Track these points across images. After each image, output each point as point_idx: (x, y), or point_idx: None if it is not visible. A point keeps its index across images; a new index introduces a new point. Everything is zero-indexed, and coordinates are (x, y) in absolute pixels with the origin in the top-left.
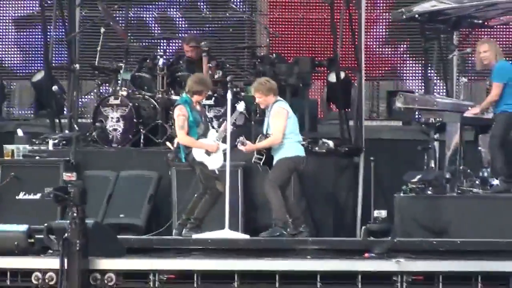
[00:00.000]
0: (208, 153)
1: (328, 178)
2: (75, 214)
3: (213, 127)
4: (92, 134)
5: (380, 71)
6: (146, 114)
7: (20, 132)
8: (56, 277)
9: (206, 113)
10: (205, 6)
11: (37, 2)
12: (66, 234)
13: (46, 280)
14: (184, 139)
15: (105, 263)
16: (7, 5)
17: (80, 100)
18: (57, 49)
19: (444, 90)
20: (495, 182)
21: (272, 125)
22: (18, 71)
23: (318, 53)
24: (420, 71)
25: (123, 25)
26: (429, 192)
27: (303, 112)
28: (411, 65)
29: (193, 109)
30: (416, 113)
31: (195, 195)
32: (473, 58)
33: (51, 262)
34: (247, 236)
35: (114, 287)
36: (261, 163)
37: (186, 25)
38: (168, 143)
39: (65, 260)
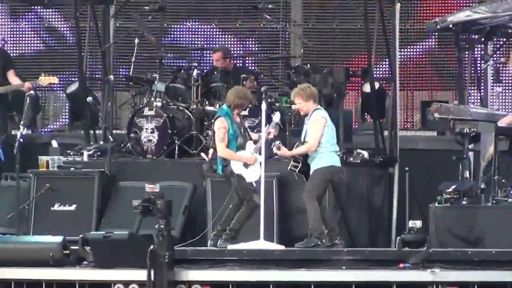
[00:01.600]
0: (246, 165)
1: (363, 188)
2: (162, 226)
3: (250, 139)
4: (127, 145)
5: (415, 81)
6: (180, 125)
7: (54, 144)
8: None
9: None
10: (239, 17)
11: (71, 13)
12: (152, 246)
13: None
14: (224, 152)
15: (191, 275)
16: (41, 17)
17: (114, 111)
18: (91, 60)
19: (479, 100)
20: None
21: (309, 132)
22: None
23: (353, 63)
24: (454, 81)
25: (157, 36)
26: (464, 202)
27: (338, 123)
28: (445, 75)
29: (233, 122)
30: (451, 123)
31: (230, 206)
32: (507, 68)
33: (123, 274)
34: (282, 247)
35: None
36: (297, 170)
37: (221, 36)
38: (202, 154)
39: (152, 272)
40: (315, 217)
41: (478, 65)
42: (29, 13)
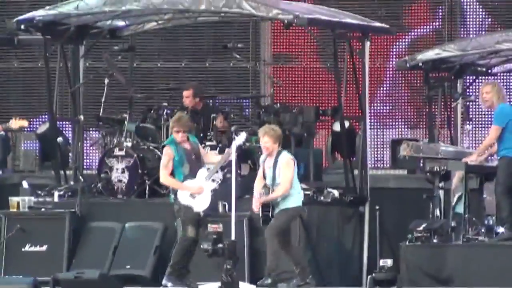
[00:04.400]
0: (192, 195)
1: (334, 227)
2: (229, 266)
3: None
4: (98, 186)
5: (384, 120)
6: (151, 165)
7: (25, 184)
8: None
9: (200, 150)
10: (209, 56)
11: (41, 54)
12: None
13: None
14: (165, 179)
15: None
16: (12, 57)
17: (85, 151)
18: (61, 100)
19: (449, 138)
20: (501, 230)
21: (283, 175)
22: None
23: (323, 102)
24: (424, 119)
25: (127, 76)
26: (434, 241)
27: (308, 162)
28: (415, 113)
29: (179, 149)
30: (421, 161)
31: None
32: (477, 106)
33: None
34: (253, 286)
35: None
36: (270, 215)
37: (190, 76)
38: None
39: None
40: (272, 256)
41: (448, 103)
42: None
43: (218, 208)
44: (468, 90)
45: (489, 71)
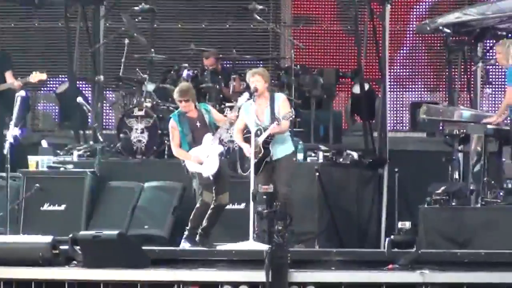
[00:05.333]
0: (199, 161)
1: (352, 189)
2: (280, 227)
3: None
4: (117, 145)
5: (404, 83)
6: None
7: (44, 143)
8: None
9: (205, 118)
10: (229, 18)
11: (61, 13)
12: (271, 247)
13: None
14: (175, 151)
15: (304, 276)
16: (32, 17)
17: (104, 111)
18: (81, 60)
19: (468, 102)
20: None
21: (286, 110)
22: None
23: (342, 64)
24: (444, 83)
25: (147, 37)
26: (453, 204)
27: (328, 124)
28: (435, 76)
29: (182, 120)
30: (440, 124)
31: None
32: (496, 69)
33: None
34: (267, 246)
35: None
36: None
37: (210, 36)
38: None
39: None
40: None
41: (468, 66)
42: (20, 13)
43: (237, 169)
44: (488, 54)
45: (509, 35)
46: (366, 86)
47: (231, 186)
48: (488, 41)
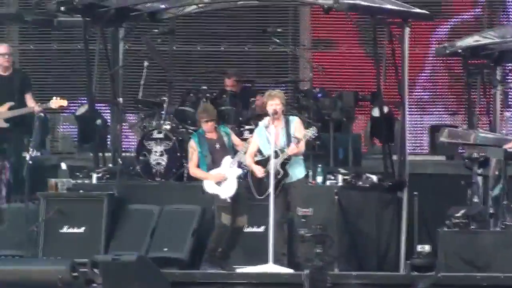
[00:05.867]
0: (218, 183)
1: (372, 212)
2: (319, 251)
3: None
4: (136, 168)
5: (424, 106)
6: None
7: (63, 166)
8: None
9: (225, 141)
10: (248, 41)
11: (80, 36)
12: (308, 271)
13: None
14: (191, 170)
15: None
16: (52, 39)
17: (123, 134)
18: (101, 82)
19: (488, 125)
20: None
21: (301, 133)
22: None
23: (361, 87)
24: (463, 106)
25: (166, 59)
26: (472, 227)
27: (347, 147)
28: (454, 99)
29: (202, 141)
30: (460, 147)
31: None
32: None
33: None
34: (291, 271)
35: None
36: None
37: (229, 60)
38: None
39: None
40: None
41: (487, 90)
42: (39, 35)
43: (252, 192)
44: (507, 77)
45: None
46: (386, 109)
47: (250, 209)
48: (507, 64)
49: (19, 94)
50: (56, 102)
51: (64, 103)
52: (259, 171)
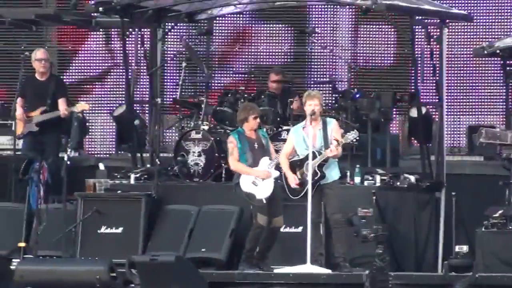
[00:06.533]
0: (255, 183)
1: (409, 213)
2: (380, 251)
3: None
4: (174, 169)
5: (462, 106)
6: (227, 149)
7: (101, 166)
8: None
9: (263, 142)
10: (286, 41)
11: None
12: (370, 271)
13: None
14: (233, 164)
15: None
16: (90, 39)
17: (162, 134)
18: (138, 83)
19: None
20: None
21: (339, 136)
22: (100, 104)
23: (399, 88)
24: (502, 106)
25: (204, 60)
26: (510, 227)
27: (385, 147)
28: (493, 100)
29: (242, 138)
30: (498, 148)
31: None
32: None
33: None
34: (328, 271)
35: None
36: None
37: (267, 60)
38: None
39: None
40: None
41: None
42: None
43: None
44: None
45: None
46: (423, 110)
47: (287, 210)
48: None
49: (52, 99)
50: (79, 106)
51: (86, 106)
52: (292, 180)
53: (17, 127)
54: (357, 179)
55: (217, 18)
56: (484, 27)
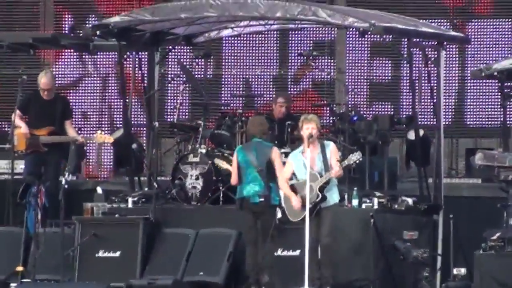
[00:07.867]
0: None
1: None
2: (427, 274)
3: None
4: (172, 192)
5: (459, 129)
6: (225, 172)
7: (99, 190)
8: None
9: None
10: (284, 64)
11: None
12: None
13: None
14: (282, 183)
15: None
16: (89, 63)
17: (159, 157)
18: (136, 107)
19: None
20: None
21: (337, 158)
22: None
23: (397, 110)
24: (499, 128)
25: (202, 83)
26: (508, 250)
27: (382, 170)
28: (489, 122)
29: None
30: (495, 170)
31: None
32: None
33: None
34: None
35: None
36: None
37: (265, 83)
38: None
39: None
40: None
41: None
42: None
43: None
44: None
45: None
46: (421, 132)
47: (286, 233)
48: None
49: (60, 120)
50: (100, 137)
51: (110, 139)
52: (295, 202)
53: (18, 142)
54: (355, 202)
55: (215, 41)
56: (481, 49)
